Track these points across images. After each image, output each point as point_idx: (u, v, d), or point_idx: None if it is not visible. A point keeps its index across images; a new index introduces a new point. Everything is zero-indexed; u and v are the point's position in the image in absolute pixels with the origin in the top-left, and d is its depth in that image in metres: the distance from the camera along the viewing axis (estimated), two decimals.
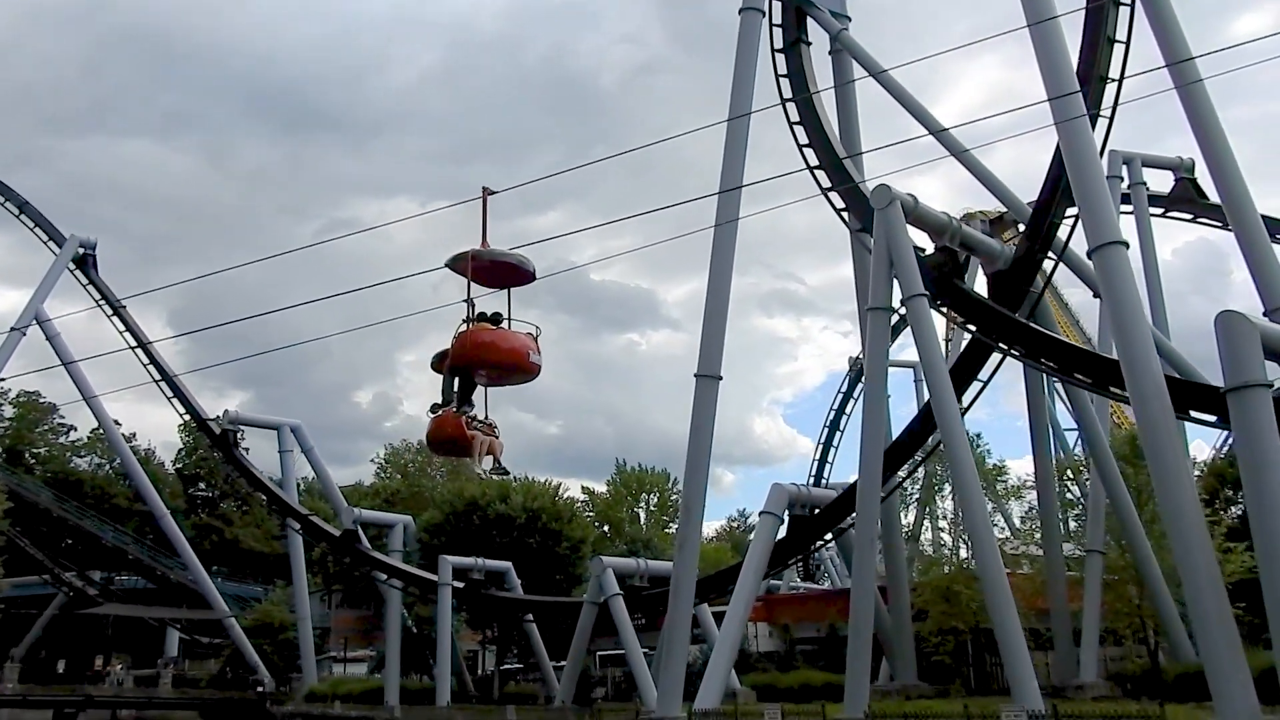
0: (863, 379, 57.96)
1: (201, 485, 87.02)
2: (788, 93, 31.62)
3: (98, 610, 60.39)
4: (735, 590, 31.50)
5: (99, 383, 58.54)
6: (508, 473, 10.94)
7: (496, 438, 11.43)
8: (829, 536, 34.68)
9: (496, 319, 10.49)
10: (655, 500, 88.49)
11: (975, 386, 28.50)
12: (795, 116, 31.07)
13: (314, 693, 50.08)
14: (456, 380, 10.79)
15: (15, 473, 65.42)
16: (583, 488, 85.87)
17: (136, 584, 66.72)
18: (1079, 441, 44.15)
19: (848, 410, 58.03)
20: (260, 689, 53.57)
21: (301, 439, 54.06)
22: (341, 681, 52.39)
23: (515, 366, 10.16)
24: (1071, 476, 34.92)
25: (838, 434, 58.00)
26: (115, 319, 54.85)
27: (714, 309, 30.13)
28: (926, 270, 26.09)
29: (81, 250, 57.07)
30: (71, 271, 57.07)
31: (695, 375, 30.17)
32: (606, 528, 79.94)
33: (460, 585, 43.06)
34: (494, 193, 11.07)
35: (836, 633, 38.88)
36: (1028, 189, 31.08)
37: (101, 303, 55.81)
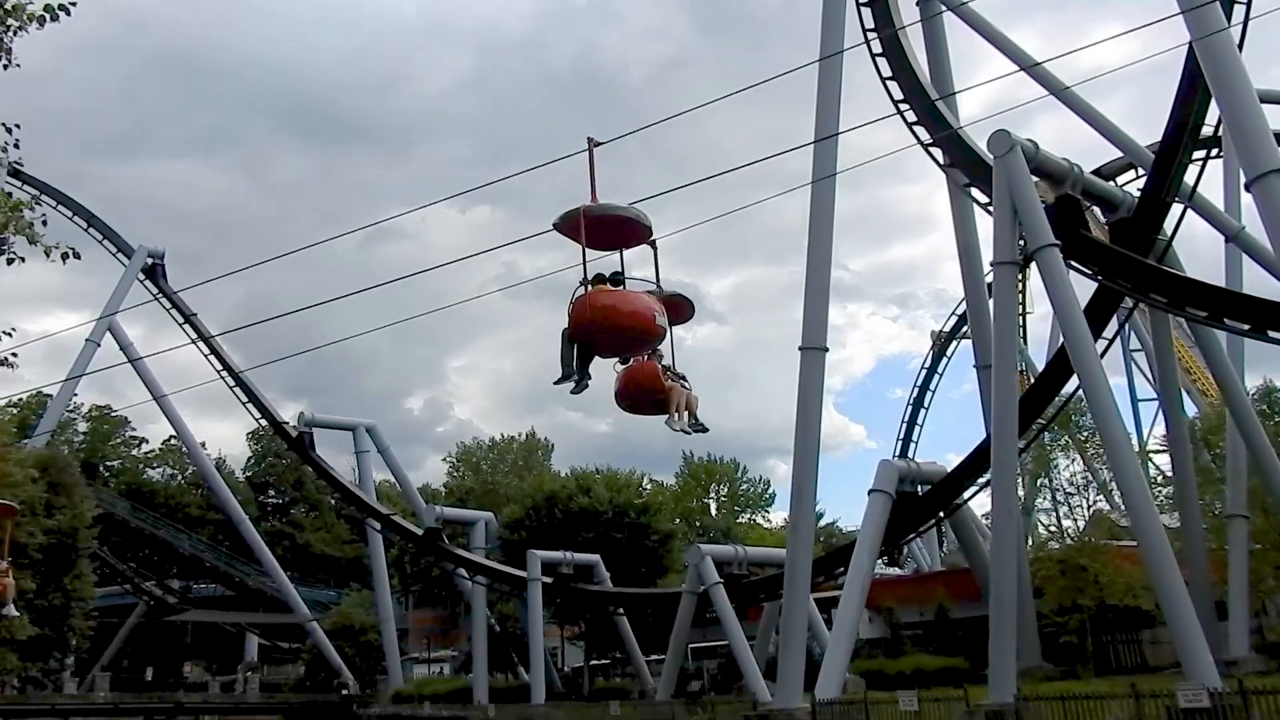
0: (932, 356, 56.27)
1: (271, 492, 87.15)
2: (870, 23, 30.04)
3: (181, 617, 60.40)
4: (849, 573, 29.97)
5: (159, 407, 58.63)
6: (706, 429, 9.73)
7: (689, 389, 10.08)
8: (941, 514, 32.93)
9: (617, 279, 8.98)
10: (725, 490, 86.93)
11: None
12: (878, 49, 29.43)
13: (400, 694, 49.40)
14: (576, 350, 9.29)
15: (92, 485, 65.69)
16: (649, 480, 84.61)
17: (214, 591, 66.77)
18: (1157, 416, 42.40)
19: (932, 386, 56.08)
20: (344, 691, 53.08)
21: (377, 439, 53.40)
22: (427, 682, 51.67)
23: (640, 331, 8.64)
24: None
25: (922, 411, 56.00)
26: (187, 326, 54.64)
27: (815, 275, 28.69)
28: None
29: (150, 260, 57.02)
30: (141, 282, 56.98)
31: (800, 349, 28.76)
32: (677, 520, 78.55)
33: (549, 580, 41.97)
34: (600, 143, 9.59)
35: (946, 615, 37.21)
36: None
37: (172, 311, 55.61)
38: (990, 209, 28.23)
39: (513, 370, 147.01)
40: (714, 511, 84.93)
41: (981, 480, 31.82)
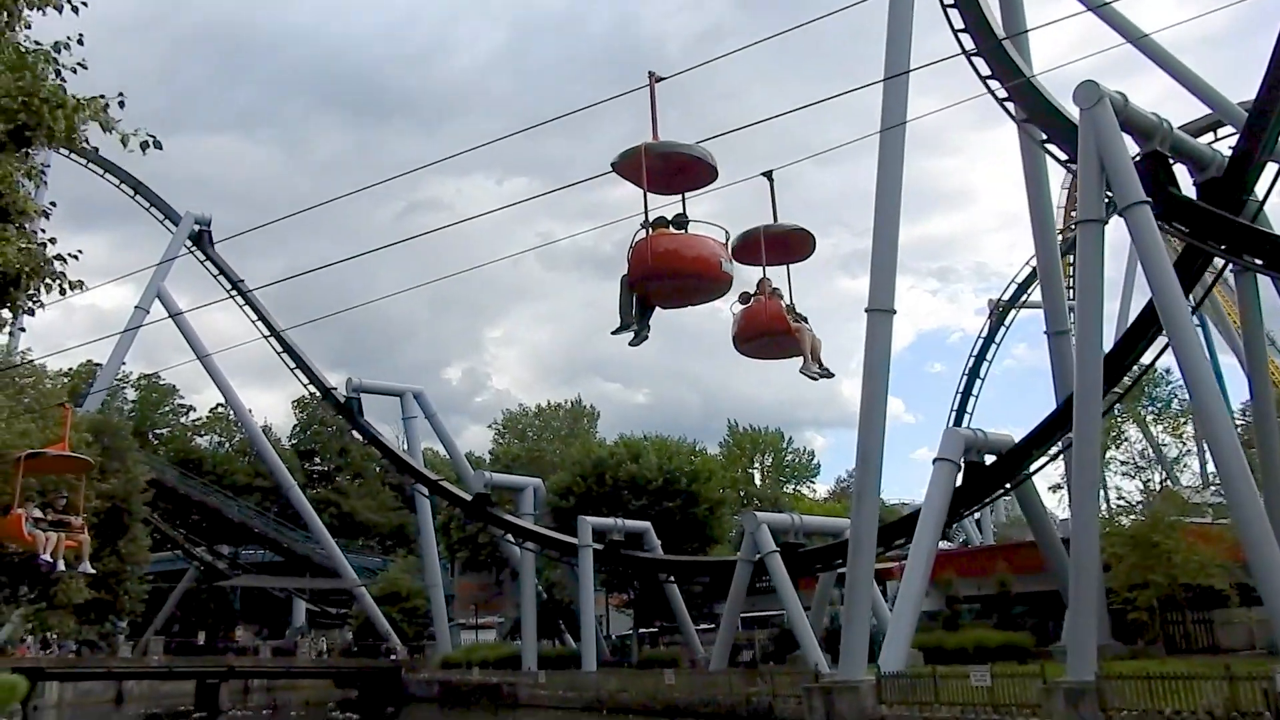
0: (992, 319, 54.77)
1: (316, 460, 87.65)
2: None
3: (231, 582, 60.85)
4: (914, 543, 29.17)
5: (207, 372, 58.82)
6: (831, 374, 8.98)
7: (812, 332, 9.29)
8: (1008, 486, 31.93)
9: (680, 222, 8.07)
10: (770, 460, 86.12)
11: None
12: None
13: (449, 660, 49.38)
14: (635, 299, 8.41)
15: (142, 451, 66.18)
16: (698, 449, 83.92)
17: (262, 557, 67.29)
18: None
19: (989, 356, 54.65)
20: (393, 657, 53.23)
21: (424, 405, 53.14)
22: (475, 648, 51.63)
23: (704, 277, 7.75)
24: None
25: (978, 382, 54.61)
26: (235, 294, 54.46)
27: (883, 233, 27.68)
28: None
29: (197, 226, 56.90)
30: (189, 249, 56.91)
31: (866, 310, 27.81)
32: (722, 489, 77.90)
33: (599, 547, 41.50)
34: (662, 79, 8.65)
35: (1007, 590, 36.27)
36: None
37: (219, 277, 55.58)
38: (1069, 166, 27.06)
39: (550, 341, 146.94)
40: (758, 481, 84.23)
41: (1052, 451, 30.85)
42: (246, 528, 65.38)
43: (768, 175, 9.71)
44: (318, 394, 52.56)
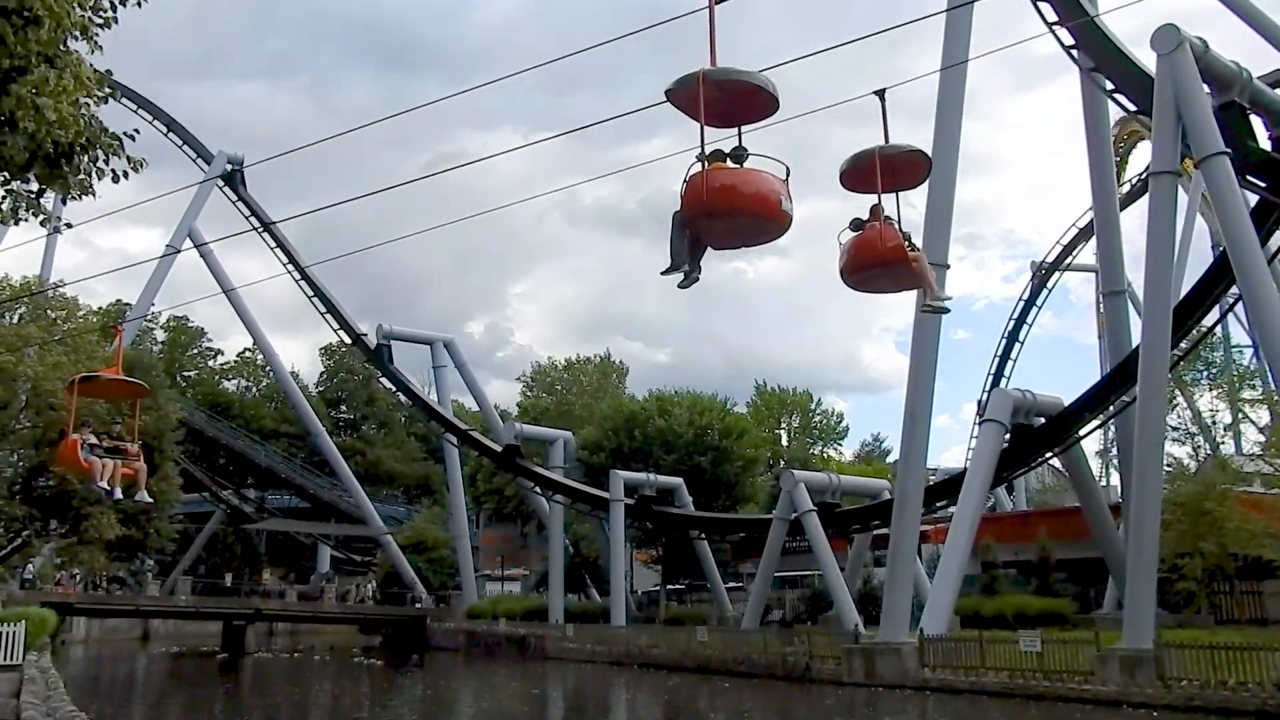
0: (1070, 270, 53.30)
1: (343, 408, 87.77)
2: None
3: (258, 526, 60.98)
4: (959, 504, 28.44)
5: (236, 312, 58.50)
6: (947, 309, 8.17)
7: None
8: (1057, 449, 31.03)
9: (739, 156, 7.19)
10: (798, 421, 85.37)
11: None
12: None
13: (474, 610, 49.29)
14: (688, 238, 7.59)
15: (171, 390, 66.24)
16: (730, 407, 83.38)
17: (288, 503, 67.44)
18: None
19: (1029, 319, 53.41)
20: (419, 606, 53.25)
21: (455, 355, 52.61)
22: (501, 599, 51.48)
23: (762, 216, 6.92)
24: None
25: (1017, 345, 53.44)
26: (266, 235, 53.91)
27: (940, 183, 26.59)
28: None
29: (230, 166, 56.12)
30: (220, 189, 56.38)
31: None
32: (754, 448, 77.40)
33: (630, 502, 40.99)
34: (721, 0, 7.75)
35: (1047, 556, 35.46)
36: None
37: (251, 218, 54.95)
38: (1140, 116, 25.92)
39: (573, 298, 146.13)
40: (785, 442, 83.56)
41: (1103, 416, 29.96)
42: (273, 472, 65.51)
43: (880, 94, 8.88)
44: (347, 340, 52.02)
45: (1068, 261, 52.49)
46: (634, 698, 27.39)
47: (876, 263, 8.33)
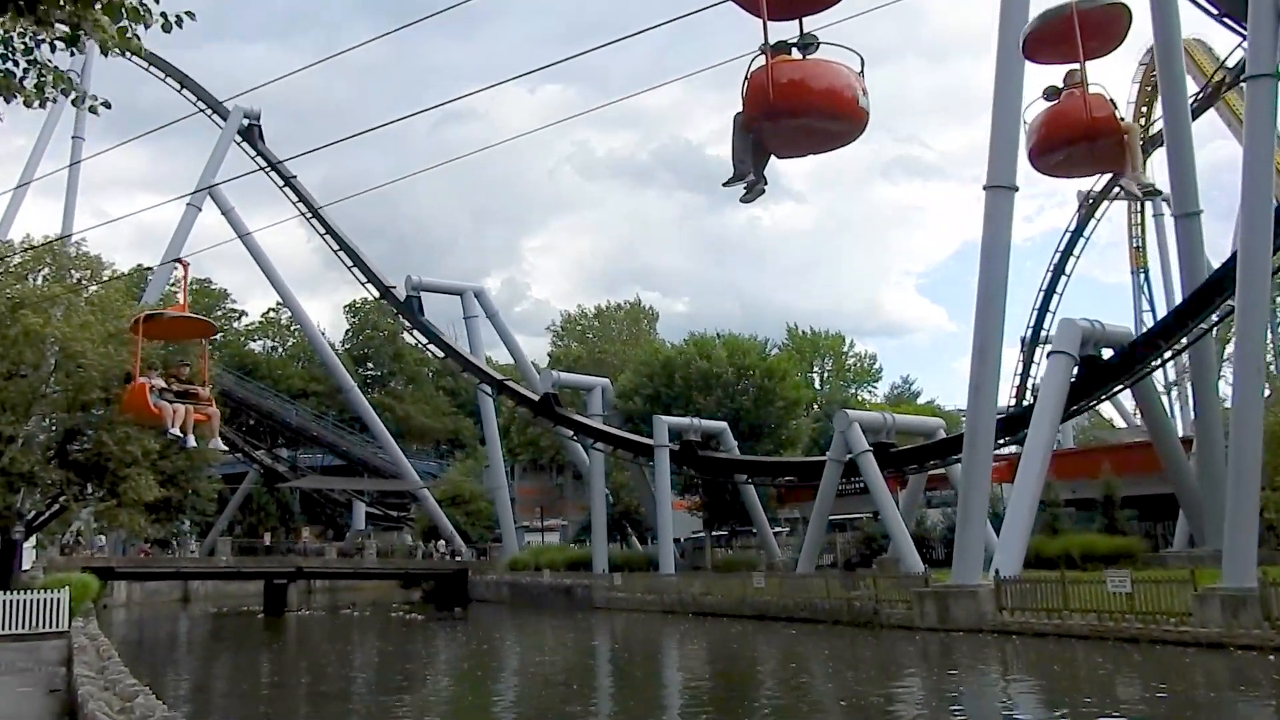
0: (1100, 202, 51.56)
1: (369, 365, 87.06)
2: None
3: (294, 484, 60.50)
4: (1029, 439, 27.20)
5: (255, 271, 57.38)
6: (1158, 190, 6.84)
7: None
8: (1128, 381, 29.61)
9: (807, 44, 5.77)
10: (831, 364, 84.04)
11: None
12: None
13: (516, 562, 48.66)
14: (751, 143, 6.24)
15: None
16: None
17: (320, 461, 66.93)
18: None
19: (1076, 252, 51.57)
20: (458, 559, 52.73)
21: (485, 304, 51.42)
22: (542, 550, 50.83)
23: (836, 115, 5.52)
24: None
25: (1063, 279, 51.71)
26: (287, 189, 52.66)
27: (1006, 100, 25.07)
28: None
29: (246, 121, 54.78)
30: (238, 144, 55.05)
31: (984, 188, 25.41)
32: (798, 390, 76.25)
33: (675, 447, 39.90)
34: None
35: (1113, 493, 34.19)
36: None
37: (271, 173, 53.58)
38: (1225, 20, 24.18)
39: (589, 250, 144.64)
40: (818, 385, 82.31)
41: (1178, 346, 28.47)
42: (304, 431, 64.82)
43: None
44: (375, 293, 50.82)
45: (1116, 190, 50.38)
46: (704, 647, 26.41)
47: (1079, 137, 6.96)
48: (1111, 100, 7.07)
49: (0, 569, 27.19)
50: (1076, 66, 7.06)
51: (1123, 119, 7.14)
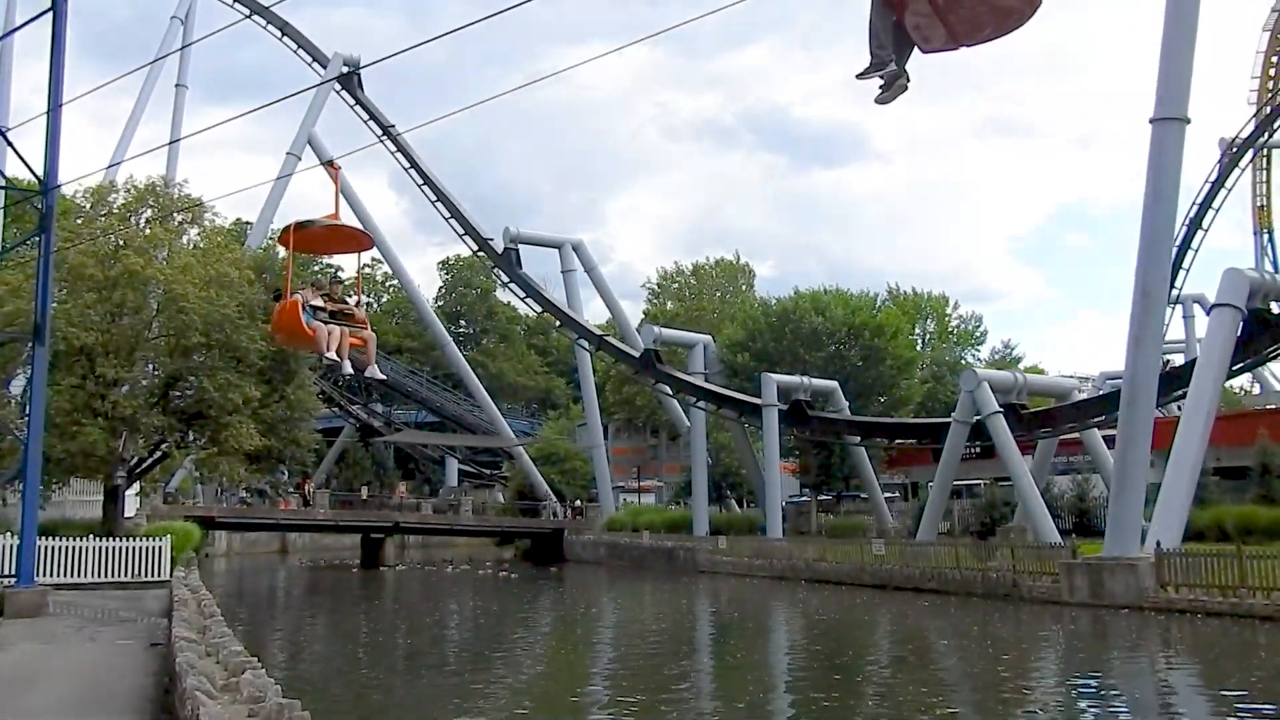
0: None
1: (462, 323, 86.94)
2: None
3: (390, 439, 60.35)
4: (1189, 399, 24.67)
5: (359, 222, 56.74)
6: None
7: None
8: None
9: None
10: (934, 325, 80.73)
11: None
12: None
13: (614, 523, 47.54)
14: (893, 23, 4.17)
15: None
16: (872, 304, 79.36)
17: (414, 418, 66.75)
18: None
19: (1215, 204, 47.68)
20: (555, 517, 51.87)
21: (584, 257, 49.98)
22: (640, 511, 49.54)
23: None
24: None
25: (1199, 233, 47.90)
26: (386, 140, 51.72)
27: (1178, 26, 22.35)
28: None
29: (346, 68, 53.80)
30: (337, 93, 54.30)
31: (1151, 120, 22.74)
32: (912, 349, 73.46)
33: (783, 407, 37.98)
34: None
35: (1269, 461, 31.30)
36: None
37: (370, 123, 52.81)
38: None
39: (673, 213, 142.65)
40: (920, 347, 79.27)
41: None
42: (399, 387, 64.58)
43: None
44: (473, 245, 49.67)
45: (1267, 136, 46.39)
46: (839, 617, 24.60)
47: None
48: None
49: (104, 516, 26.88)
50: None
51: None
